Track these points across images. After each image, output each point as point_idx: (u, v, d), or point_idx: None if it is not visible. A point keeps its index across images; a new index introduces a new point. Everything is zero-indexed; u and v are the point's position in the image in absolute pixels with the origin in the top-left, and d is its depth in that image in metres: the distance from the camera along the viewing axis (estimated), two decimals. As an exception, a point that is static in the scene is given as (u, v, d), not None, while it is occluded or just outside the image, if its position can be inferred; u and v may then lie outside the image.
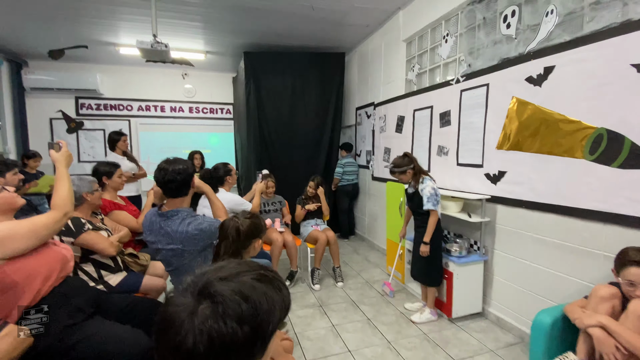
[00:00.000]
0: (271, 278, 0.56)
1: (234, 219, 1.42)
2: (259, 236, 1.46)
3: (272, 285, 0.55)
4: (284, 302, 0.55)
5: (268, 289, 0.53)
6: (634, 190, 1.58)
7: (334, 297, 2.96)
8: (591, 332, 1.34)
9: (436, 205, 2.30)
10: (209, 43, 4.44)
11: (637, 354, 1.23)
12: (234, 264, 0.57)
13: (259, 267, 0.58)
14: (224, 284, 0.51)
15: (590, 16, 1.77)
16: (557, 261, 1.98)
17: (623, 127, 1.61)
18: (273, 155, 4.55)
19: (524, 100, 2.14)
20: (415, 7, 3.27)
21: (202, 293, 0.50)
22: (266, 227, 1.56)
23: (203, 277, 0.53)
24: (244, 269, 0.55)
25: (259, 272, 0.56)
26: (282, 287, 0.56)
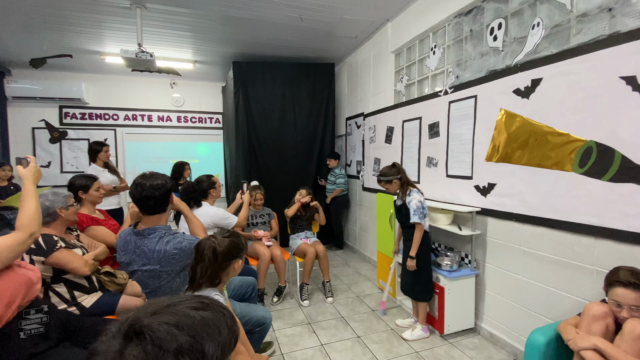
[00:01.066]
0: (209, 304, 0.53)
1: (211, 239, 1.33)
2: (238, 256, 1.37)
3: (212, 309, 0.51)
4: (227, 327, 0.51)
5: (207, 313, 0.50)
6: (626, 205, 1.55)
7: (323, 313, 2.86)
8: (584, 355, 1.29)
9: (422, 218, 2.26)
10: (198, 52, 4.39)
11: (634, 379, 1.18)
12: (167, 297, 0.53)
13: (195, 296, 0.55)
14: (155, 318, 0.46)
15: (577, 29, 1.78)
16: (550, 276, 1.94)
17: (613, 140, 1.59)
18: (262, 165, 4.48)
19: (512, 112, 2.12)
20: (404, 19, 3.28)
21: (129, 333, 0.44)
22: (247, 245, 1.48)
23: (131, 316, 0.47)
24: (177, 300, 0.51)
25: (194, 299, 0.53)
26: (223, 309, 0.53)
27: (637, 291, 1.26)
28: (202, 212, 2.30)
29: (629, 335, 1.23)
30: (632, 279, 1.28)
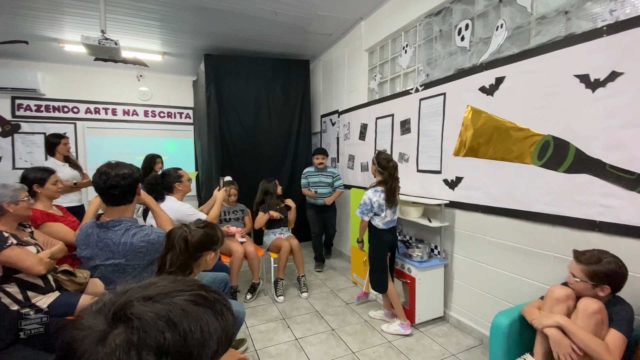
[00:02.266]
0: (212, 301, 0.47)
1: (183, 228, 1.29)
2: (212, 248, 1.33)
3: (213, 309, 0.46)
4: (226, 332, 0.46)
5: (205, 314, 0.44)
6: (580, 194, 1.68)
7: (298, 308, 2.86)
8: (547, 332, 1.37)
9: (363, 214, 2.35)
10: (167, 44, 4.22)
11: (591, 354, 1.27)
12: (167, 281, 0.48)
13: (199, 286, 0.48)
14: (147, 306, 0.41)
15: (537, 30, 1.89)
16: (512, 263, 2.06)
17: (568, 134, 1.71)
18: (236, 161, 4.38)
19: (478, 108, 2.23)
20: (377, 18, 3.34)
21: (118, 315, 0.40)
22: (223, 238, 1.43)
23: (124, 295, 0.43)
24: (178, 288, 0.46)
25: (197, 292, 0.47)
26: (225, 313, 0.47)
27: (580, 264, 1.39)
28: (166, 207, 2.17)
29: (583, 312, 1.33)
30: (581, 255, 1.40)
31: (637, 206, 1.47)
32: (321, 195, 3.72)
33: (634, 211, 1.48)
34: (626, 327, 1.30)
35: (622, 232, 1.52)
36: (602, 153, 1.58)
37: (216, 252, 1.37)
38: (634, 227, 1.48)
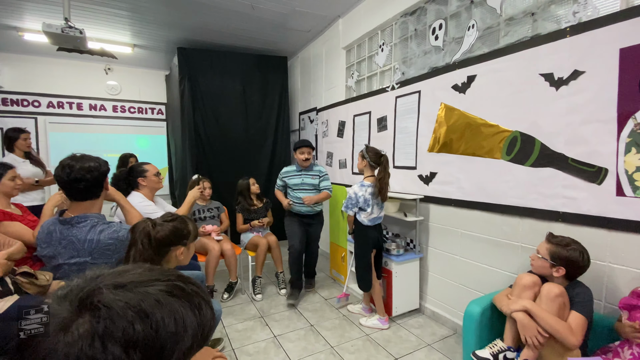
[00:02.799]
0: (190, 293, 0.44)
1: (147, 222, 1.22)
2: (181, 243, 1.26)
3: (190, 302, 0.43)
4: (202, 327, 0.43)
5: (181, 306, 0.42)
6: (545, 187, 1.77)
7: (276, 306, 2.83)
8: (515, 316, 1.44)
9: (348, 209, 2.37)
10: (138, 35, 4.04)
11: (555, 335, 1.35)
12: (143, 269, 0.45)
13: (177, 276, 0.46)
14: (118, 294, 0.39)
15: (505, 31, 1.98)
16: (483, 254, 2.14)
17: (534, 130, 1.81)
18: (211, 159, 4.27)
19: (451, 106, 2.30)
20: (354, 16, 3.37)
21: (84, 303, 0.37)
22: (196, 231, 1.38)
23: (93, 281, 0.40)
24: (154, 277, 0.43)
25: (174, 282, 0.44)
26: (203, 307, 0.44)
27: (549, 243, 1.49)
28: None
29: (546, 297, 1.41)
30: (553, 238, 1.51)
31: (596, 197, 1.57)
32: (301, 201, 2.87)
33: (594, 202, 1.58)
34: (586, 309, 1.39)
35: (583, 221, 1.63)
36: (565, 147, 1.68)
37: (188, 247, 1.31)
38: (593, 216, 1.59)
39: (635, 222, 1.45)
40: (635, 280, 1.47)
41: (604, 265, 1.57)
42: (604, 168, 1.54)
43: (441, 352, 2.11)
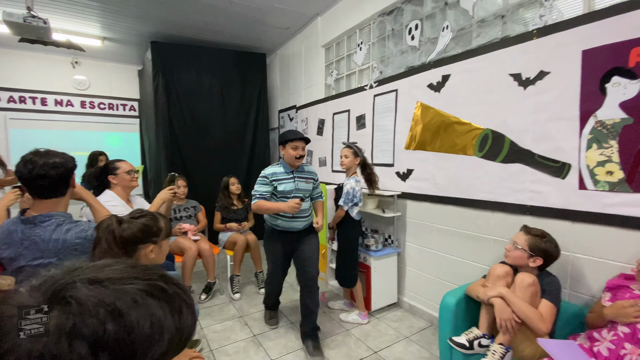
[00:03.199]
0: (171, 294, 0.41)
1: (112, 219, 1.15)
2: (150, 241, 1.20)
3: (170, 304, 0.40)
4: (181, 332, 0.41)
5: (159, 308, 0.39)
6: (514, 182, 1.86)
7: (256, 305, 2.80)
8: (493, 301, 1.51)
9: (347, 204, 2.35)
10: (108, 28, 3.87)
11: (527, 321, 1.42)
12: (125, 265, 0.43)
13: (160, 276, 0.43)
14: (93, 290, 0.36)
15: (477, 32, 2.06)
16: (458, 248, 2.22)
17: (504, 128, 1.89)
18: (187, 158, 4.16)
19: (427, 104, 2.36)
20: (333, 15, 3.39)
21: (56, 296, 0.35)
22: (169, 228, 1.31)
23: (70, 274, 0.38)
24: (134, 275, 0.41)
25: (155, 282, 0.41)
26: (183, 311, 0.42)
27: (527, 234, 1.56)
28: None
29: (520, 285, 1.49)
30: (530, 229, 1.58)
31: (561, 191, 1.67)
32: (301, 214, 2.13)
33: (559, 195, 1.68)
34: (555, 297, 1.48)
35: (549, 214, 1.72)
36: (532, 144, 1.77)
37: (159, 245, 1.25)
38: (558, 209, 1.68)
39: (596, 214, 1.55)
40: (598, 268, 1.57)
41: (568, 255, 1.67)
42: (568, 163, 1.64)
43: (418, 344, 2.17)
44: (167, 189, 2.00)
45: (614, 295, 1.38)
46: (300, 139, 2.10)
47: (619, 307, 1.29)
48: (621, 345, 1.23)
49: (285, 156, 2.12)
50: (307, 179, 2.19)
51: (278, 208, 2.02)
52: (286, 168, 2.14)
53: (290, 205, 1.97)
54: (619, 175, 1.48)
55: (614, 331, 1.29)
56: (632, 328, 1.23)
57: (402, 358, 2.04)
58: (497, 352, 1.44)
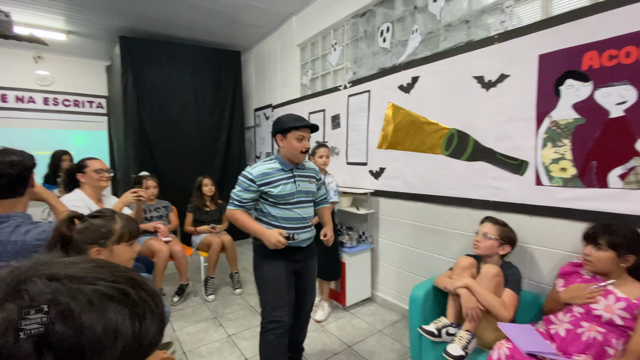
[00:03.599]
0: (135, 300, 0.39)
1: (65, 219, 1.11)
2: (97, 243, 1.12)
3: (132, 310, 0.39)
4: (140, 339, 0.39)
5: (117, 313, 0.37)
6: (477, 179, 1.96)
7: (231, 305, 2.77)
8: (459, 291, 1.59)
9: (336, 196, 2.49)
10: (73, 21, 3.69)
11: (491, 310, 1.51)
12: (94, 264, 0.41)
13: (127, 279, 0.41)
14: (48, 286, 0.36)
15: (445, 36, 2.15)
16: (427, 242, 2.31)
17: (469, 128, 1.99)
18: (158, 157, 4.05)
19: (397, 105, 2.44)
20: (307, 15, 3.41)
21: (15, 288, 0.35)
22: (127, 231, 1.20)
23: (36, 267, 0.38)
24: (98, 275, 0.39)
25: (119, 285, 0.39)
26: (147, 317, 0.40)
27: (497, 225, 1.67)
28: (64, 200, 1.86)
29: (485, 276, 1.57)
30: (497, 220, 1.69)
31: (519, 187, 1.78)
32: (305, 222, 1.66)
33: (518, 191, 1.79)
34: (517, 286, 1.58)
35: (509, 209, 1.83)
36: (494, 143, 1.87)
37: (108, 249, 1.15)
38: (518, 204, 1.79)
39: (551, 208, 1.67)
40: (552, 258, 1.69)
41: (526, 247, 1.78)
42: (526, 161, 1.75)
43: (391, 337, 2.23)
44: (129, 192, 1.88)
45: (567, 281, 1.49)
46: (307, 126, 1.58)
47: (573, 290, 1.40)
48: (578, 325, 1.33)
49: (285, 149, 1.60)
50: (309, 177, 1.70)
51: (258, 233, 1.55)
52: (284, 165, 1.62)
53: (272, 241, 1.49)
54: (571, 172, 1.59)
55: (570, 313, 1.39)
56: (586, 308, 1.34)
57: (375, 351, 2.09)
58: (463, 339, 1.52)
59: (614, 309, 1.28)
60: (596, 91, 1.50)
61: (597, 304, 1.32)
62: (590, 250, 1.35)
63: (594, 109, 1.51)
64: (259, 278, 1.65)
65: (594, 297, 1.33)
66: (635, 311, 1.24)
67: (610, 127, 1.47)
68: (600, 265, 1.33)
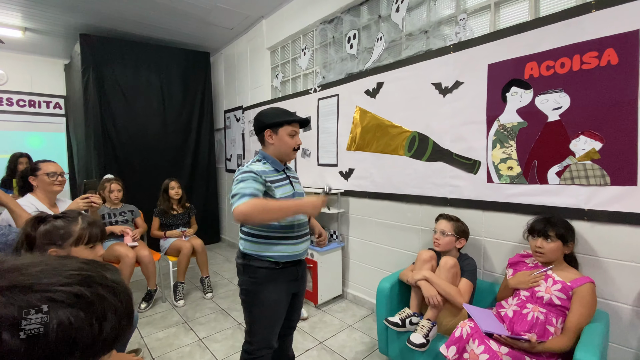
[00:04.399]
0: (91, 301, 0.39)
1: (32, 219, 1.10)
2: (55, 243, 1.12)
3: (88, 311, 0.38)
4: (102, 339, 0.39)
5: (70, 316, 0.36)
6: (437, 178, 2.11)
7: (202, 309, 2.74)
8: (419, 284, 1.70)
9: None
10: (30, 18, 3.49)
11: (448, 298, 1.65)
12: (48, 266, 0.40)
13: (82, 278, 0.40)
14: None
15: (406, 45, 2.29)
16: (392, 238, 2.43)
17: (428, 130, 2.13)
18: (122, 159, 3.90)
19: (364, 109, 2.55)
20: (277, 19, 3.46)
21: None
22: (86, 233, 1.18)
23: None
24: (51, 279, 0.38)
25: (71, 288, 0.38)
26: (106, 315, 0.40)
27: (451, 221, 1.81)
28: None
29: (443, 267, 1.70)
30: (450, 217, 1.83)
31: (473, 184, 1.94)
32: (304, 229, 1.48)
33: (472, 188, 1.95)
34: (472, 276, 1.73)
35: (465, 205, 1.98)
36: (450, 144, 2.02)
37: (67, 250, 1.14)
38: (472, 200, 1.95)
39: (500, 203, 1.83)
40: (503, 249, 1.85)
41: (480, 240, 1.94)
42: (478, 161, 1.91)
43: (360, 331, 2.32)
44: (80, 198, 1.77)
45: (515, 270, 1.65)
46: (298, 121, 1.43)
47: (519, 276, 1.58)
48: (524, 306, 1.49)
49: (275, 146, 1.40)
50: (297, 178, 1.57)
51: (296, 207, 1.26)
52: (276, 165, 1.42)
53: (318, 204, 1.28)
54: (517, 170, 1.76)
55: (518, 297, 1.55)
56: (531, 291, 1.50)
57: (346, 345, 2.17)
58: (425, 327, 1.63)
59: (552, 290, 1.44)
60: (536, 98, 1.67)
61: (540, 287, 1.48)
62: (542, 243, 1.49)
63: (535, 114, 1.68)
64: (254, 305, 1.40)
65: (537, 282, 1.49)
66: (570, 292, 1.40)
67: (548, 130, 1.65)
68: (551, 255, 1.48)
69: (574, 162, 1.58)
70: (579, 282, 1.39)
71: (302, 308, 1.69)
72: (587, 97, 1.52)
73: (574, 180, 1.58)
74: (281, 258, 1.38)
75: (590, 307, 1.36)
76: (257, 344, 1.42)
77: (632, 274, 1.46)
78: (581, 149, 1.55)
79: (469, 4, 1.94)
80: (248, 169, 1.34)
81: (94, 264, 0.44)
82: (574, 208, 1.59)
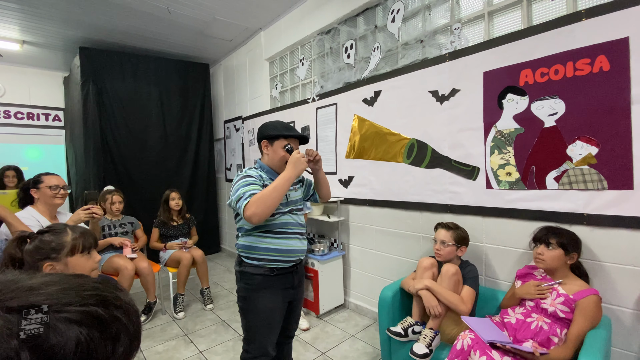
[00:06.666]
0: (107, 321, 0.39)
1: (17, 235, 1.09)
2: (49, 257, 1.10)
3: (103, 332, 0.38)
4: None
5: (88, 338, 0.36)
6: (436, 184, 2.11)
7: (202, 321, 2.71)
8: (421, 293, 1.69)
9: None
10: (29, 31, 3.53)
11: (450, 306, 1.64)
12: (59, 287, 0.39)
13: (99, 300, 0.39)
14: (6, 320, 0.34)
15: (402, 54, 2.32)
16: (393, 246, 2.43)
17: (426, 138, 2.15)
18: (122, 171, 3.90)
19: (363, 117, 2.57)
20: (275, 30, 3.52)
21: None
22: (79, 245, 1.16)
23: None
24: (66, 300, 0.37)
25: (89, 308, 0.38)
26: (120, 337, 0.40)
27: (450, 230, 1.78)
28: None
29: (445, 275, 1.69)
30: (448, 225, 1.80)
31: (473, 191, 1.95)
32: (302, 228, 1.54)
33: (471, 195, 1.95)
34: (474, 283, 1.71)
35: (465, 211, 1.99)
36: (449, 151, 2.04)
37: (63, 262, 1.13)
38: (471, 206, 1.96)
39: (500, 209, 1.84)
40: (505, 255, 1.85)
41: (482, 246, 1.94)
42: (477, 167, 1.92)
43: (363, 340, 2.30)
44: (81, 209, 1.78)
45: (523, 282, 1.64)
46: (296, 136, 1.50)
47: (526, 287, 1.57)
48: (529, 315, 1.48)
49: (269, 157, 1.49)
50: (294, 185, 1.57)
51: (284, 176, 1.33)
52: (271, 174, 1.48)
53: (293, 160, 1.36)
54: (516, 176, 1.78)
55: (523, 307, 1.55)
56: (536, 302, 1.50)
57: (348, 356, 2.14)
58: (428, 336, 1.62)
59: (555, 303, 1.44)
60: (532, 104, 1.70)
61: (545, 299, 1.47)
62: (542, 250, 1.49)
63: (531, 120, 1.71)
64: (250, 311, 1.44)
65: (544, 294, 1.49)
66: (573, 305, 1.40)
67: (545, 136, 1.67)
68: (551, 263, 1.48)
69: (571, 167, 1.59)
70: (582, 295, 1.39)
71: (300, 318, 1.67)
72: (581, 103, 1.55)
73: (572, 185, 1.59)
74: (273, 261, 1.41)
75: (591, 319, 1.36)
76: (253, 352, 1.45)
77: (633, 278, 1.46)
78: (578, 154, 1.57)
79: (463, 13, 1.98)
80: (245, 174, 1.41)
81: (108, 284, 0.44)
82: (573, 213, 1.59)
